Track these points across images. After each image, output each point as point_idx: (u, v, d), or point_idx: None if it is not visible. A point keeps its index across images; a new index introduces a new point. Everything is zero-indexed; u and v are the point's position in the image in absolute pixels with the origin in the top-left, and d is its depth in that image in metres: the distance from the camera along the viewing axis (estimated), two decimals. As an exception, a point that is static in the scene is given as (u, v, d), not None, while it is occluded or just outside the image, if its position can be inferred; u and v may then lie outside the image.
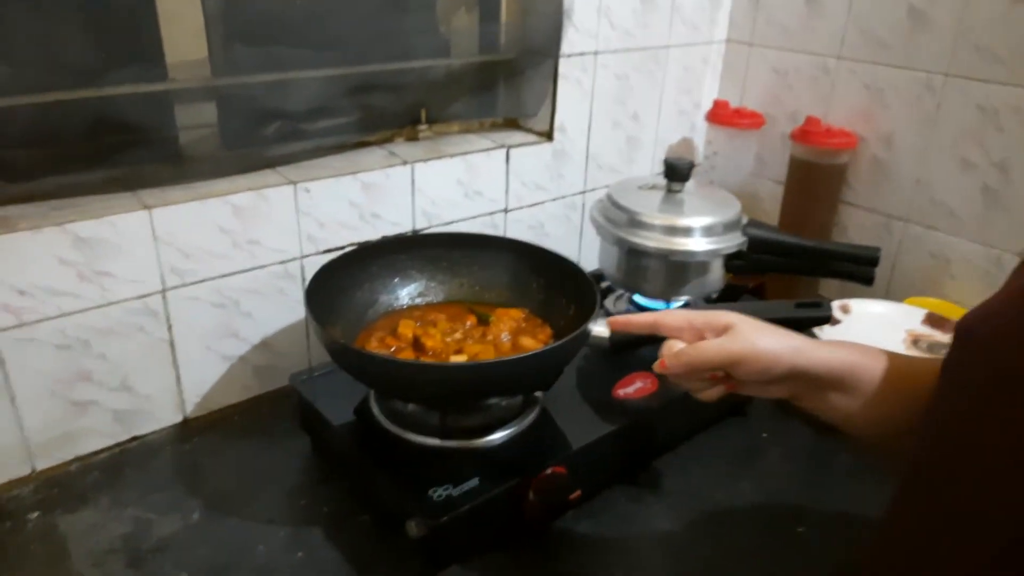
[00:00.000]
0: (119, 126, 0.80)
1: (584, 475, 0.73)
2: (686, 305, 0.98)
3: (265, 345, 0.90)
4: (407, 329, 0.79)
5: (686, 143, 1.31)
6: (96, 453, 0.80)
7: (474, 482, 0.67)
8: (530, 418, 0.76)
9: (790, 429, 0.90)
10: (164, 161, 0.83)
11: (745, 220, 0.93)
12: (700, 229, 0.89)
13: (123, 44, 0.80)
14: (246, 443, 0.84)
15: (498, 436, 0.73)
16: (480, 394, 0.72)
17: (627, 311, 1.00)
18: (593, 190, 1.19)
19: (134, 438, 0.83)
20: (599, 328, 0.72)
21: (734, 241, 0.90)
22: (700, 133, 1.32)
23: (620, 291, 1.02)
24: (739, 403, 0.92)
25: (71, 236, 0.72)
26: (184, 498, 0.75)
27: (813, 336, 0.76)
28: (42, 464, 0.77)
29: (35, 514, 0.72)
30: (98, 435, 0.80)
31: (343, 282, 0.81)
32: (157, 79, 0.81)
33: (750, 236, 0.91)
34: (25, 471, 0.76)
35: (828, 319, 0.71)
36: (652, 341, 0.81)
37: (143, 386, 0.81)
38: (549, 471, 0.70)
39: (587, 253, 1.21)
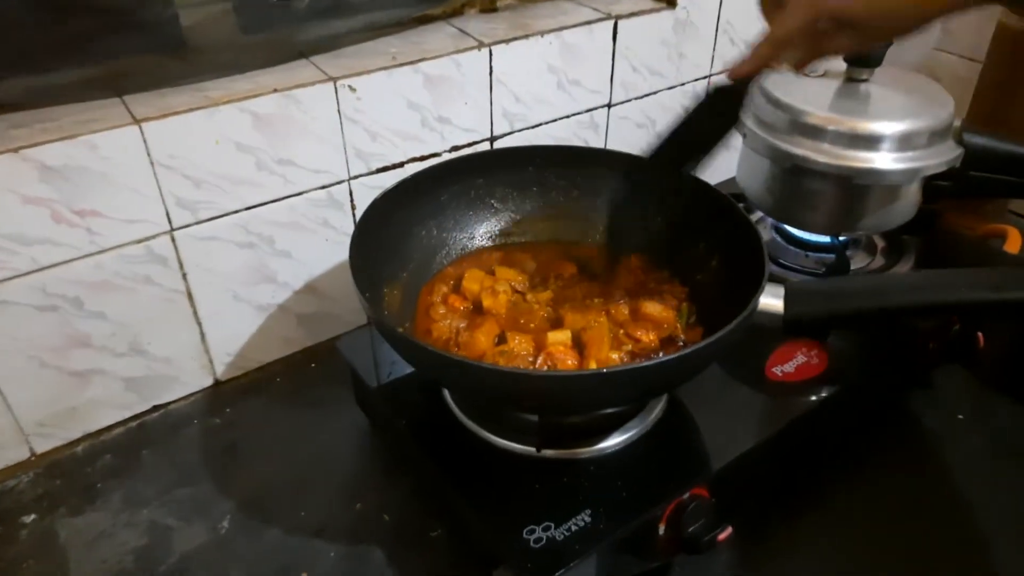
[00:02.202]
0: (99, 3, 0.59)
1: (734, 497, 0.53)
2: (852, 240, 0.73)
3: (310, 289, 0.71)
4: (473, 283, 0.59)
5: (845, 6, 1.00)
6: (108, 428, 0.65)
7: (584, 517, 0.48)
8: (655, 413, 0.56)
9: (992, 408, 0.68)
10: (160, 52, 0.62)
11: (957, 123, 0.66)
12: (895, 138, 0.63)
13: None
14: (290, 414, 0.67)
15: (613, 442, 0.54)
16: (591, 407, 0.52)
17: (772, 240, 0.77)
18: (721, 74, 0.92)
19: (155, 408, 0.67)
20: (769, 300, 0.50)
21: (945, 156, 0.64)
22: (864, -8, 1.00)
23: (761, 215, 0.77)
24: (923, 369, 0.70)
25: (35, 165, 0.53)
26: (213, 496, 0.59)
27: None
28: (42, 446, 0.62)
29: (31, 517, 0.58)
30: (108, 407, 0.65)
31: (401, 221, 0.60)
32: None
33: (970, 147, 0.64)
34: (23, 455, 0.62)
35: None
36: (839, 325, 0.58)
37: (159, 348, 0.65)
38: (686, 495, 0.51)
39: (712, 162, 0.95)
